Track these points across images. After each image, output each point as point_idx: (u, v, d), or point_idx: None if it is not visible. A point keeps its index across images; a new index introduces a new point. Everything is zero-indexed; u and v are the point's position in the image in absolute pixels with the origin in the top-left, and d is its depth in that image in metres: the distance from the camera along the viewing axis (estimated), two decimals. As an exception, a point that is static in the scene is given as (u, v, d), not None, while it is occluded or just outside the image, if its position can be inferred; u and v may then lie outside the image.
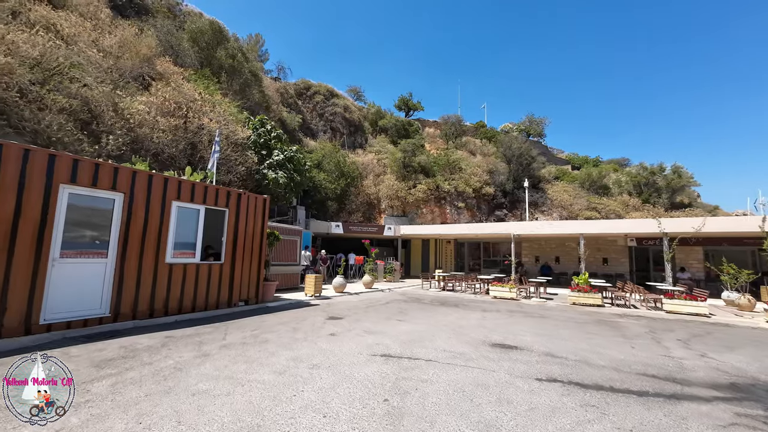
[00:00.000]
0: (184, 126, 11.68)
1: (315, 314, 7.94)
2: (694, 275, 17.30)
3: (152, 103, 10.71)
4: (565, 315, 9.31)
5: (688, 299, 10.49)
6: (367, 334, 6.11)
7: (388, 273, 18.82)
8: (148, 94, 11.01)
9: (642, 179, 29.96)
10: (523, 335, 6.47)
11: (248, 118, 16.09)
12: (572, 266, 20.39)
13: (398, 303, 10.45)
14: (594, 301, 11.54)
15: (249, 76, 19.02)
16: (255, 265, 8.62)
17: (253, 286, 8.57)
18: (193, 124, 11.60)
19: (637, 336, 6.88)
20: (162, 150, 10.93)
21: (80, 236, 5.82)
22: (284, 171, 15.40)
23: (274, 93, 28.00)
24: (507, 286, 12.88)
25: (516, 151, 31.68)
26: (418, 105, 44.89)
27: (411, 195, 27.26)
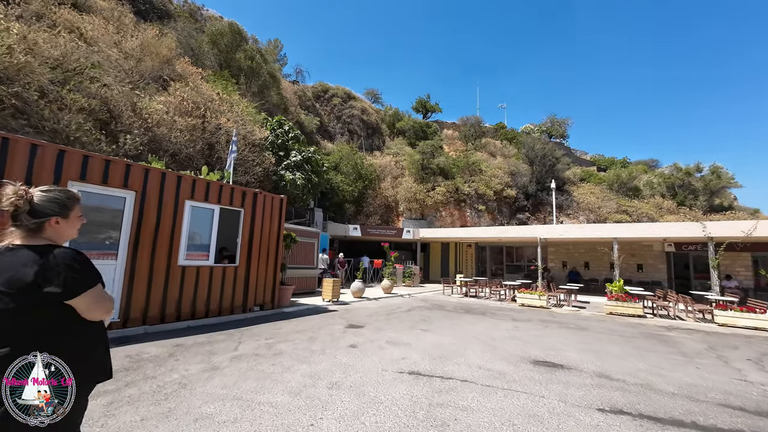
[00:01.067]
0: (202, 126, 11.52)
1: (333, 322, 7.44)
2: (741, 283, 15.87)
3: (170, 103, 10.58)
4: (606, 326, 8.46)
5: (745, 311, 9.42)
6: (390, 345, 5.55)
7: (407, 277, 18.20)
8: (166, 94, 10.90)
9: (676, 180, 28.20)
10: (565, 351, 5.75)
11: (266, 119, 15.92)
12: (603, 272, 19.20)
13: (420, 310, 9.84)
14: (634, 311, 10.57)
15: (267, 78, 18.94)
16: (271, 268, 8.22)
17: (269, 291, 8.16)
18: (210, 124, 11.42)
19: (697, 354, 6.03)
20: (179, 150, 10.77)
21: (89, 236, 5.54)
22: (302, 172, 15.10)
23: (292, 96, 28.01)
24: (536, 294, 12.05)
25: (539, 151, 30.52)
26: (435, 107, 44.24)
27: (429, 197, 26.58)
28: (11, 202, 1.30)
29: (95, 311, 1.35)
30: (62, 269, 1.27)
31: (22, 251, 1.29)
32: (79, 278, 1.31)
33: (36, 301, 1.24)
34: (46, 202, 1.37)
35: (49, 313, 1.27)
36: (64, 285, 1.26)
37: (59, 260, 1.29)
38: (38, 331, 1.26)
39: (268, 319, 7.33)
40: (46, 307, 1.26)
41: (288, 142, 15.64)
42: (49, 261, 1.27)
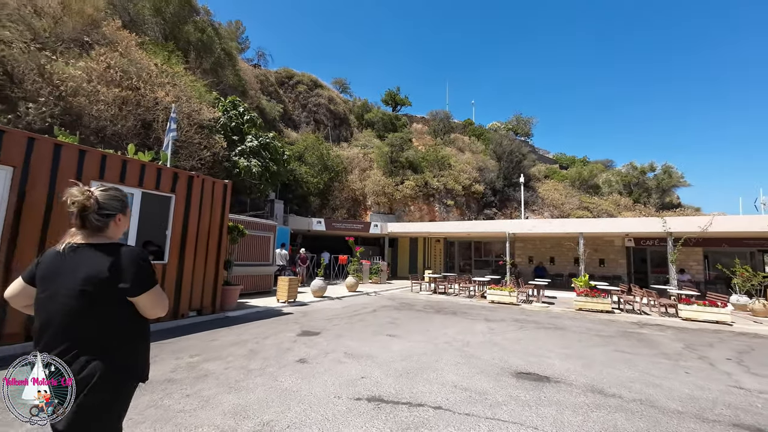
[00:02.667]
0: (136, 100, 9.83)
1: (285, 328, 6.37)
2: (693, 277, 16.56)
3: (92, 70, 8.83)
4: (580, 325, 8.05)
5: (708, 305, 9.46)
6: (349, 359, 4.60)
7: (374, 274, 17.33)
8: (88, 59, 9.11)
9: (632, 179, 29.53)
10: (548, 357, 5.10)
11: (218, 98, 14.26)
12: (568, 267, 19.44)
13: (387, 310, 8.98)
14: (603, 307, 10.39)
15: (221, 55, 17.11)
16: (212, 265, 6.96)
17: (209, 292, 6.91)
18: (146, 98, 9.75)
19: (678, 355, 5.64)
20: (105, 126, 9.07)
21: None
22: (258, 159, 13.67)
23: (252, 79, 26.04)
24: (506, 290, 11.62)
25: (506, 148, 30.78)
26: (405, 100, 43.56)
27: (398, 191, 25.83)
28: (80, 201, 1.33)
29: (156, 308, 1.40)
30: (133, 266, 1.33)
31: (91, 250, 1.33)
32: (147, 275, 1.36)
33: (109, 297, 1.29)
34: (111, 200, 1.42)
35: (115, 310, 1.32)
36: (134, 281, 1.32)
37: (130, 258, 1.34)
38: (107, 328, 1.30)
39: (203, 327, 6.11)
40: (115, 303, 1.31)
41: (243, 126, 14.12)
42: (121, 258, 1.32)
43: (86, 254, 1.30)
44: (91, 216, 1.34)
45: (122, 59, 9.56)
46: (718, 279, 16.87)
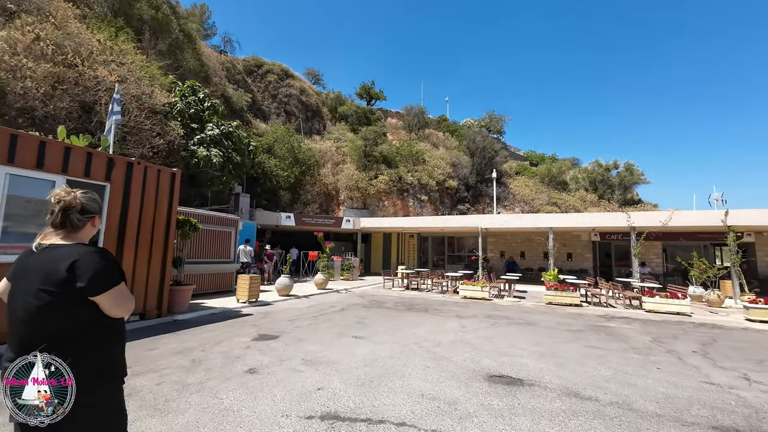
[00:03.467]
0: (73, 79, 8.72)
1: (240, 332, 5.77)
2: (653, 270, 17.30)
3: (16, 41, 7.67)
4: (551, 319, 7.98)
5: (669, 297, 9.73)
6: (307, 367, 4.12)
7: (346, 270, 16.82)
8: (12, 29, 7.91)
9: (597, 176, 30.65)
10: (520, 356, 4.86)
11: (175, 83, 13.14)
12: (537, 261, 19.81)
13: (356, 309, 8.53)
14: (572, 300, 10.48)
15: (180, 36, 15.83)
16: (157, 264, 6.21)
17: (153, 294, 6.17)
18: (84, 77, 8.66)
19: (648, 349, 5.59)
20: (35, 107, 7.96)
21: None
22: (220, 149, 12.74)
23: (217, 65, 24.58)
24: (478, 285, 11.49)
25: (480, 144, 31.04)
26: (380, 94, 42.99)
27: (372, 186, 25.37)
28: (67, 201, 1.37)
29: (119, 308, 1.38)
30: (92, 265, 1.30)
31: (59, 249, 1.34)
32: (106, 275, 1.33)
33: (69, 297, 1.27)
34: (91, 202, 1.45)
35: (77, 311, 1.30)
36: (91, 280, 1.29)
37: (89, 257, 1.32)
38: (67, 328, 1.28)
39: (144, 333, 5.40)
40: (75, 304, 1.29)
41: (203, 113, 13.10)
42: (80, 258, 1.30)
43: (51, 254, 1.32)
44: (74, 216, 1.37)
45: (56, 32, 8.42)
46: (675, 271, 17.74)
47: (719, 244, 17.15)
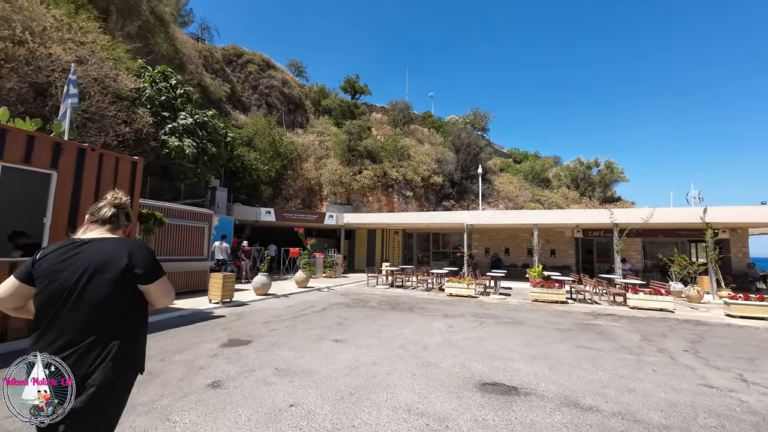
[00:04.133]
0: (23, 58, 7.85)
1: (209, 336, 5.25)
2: (633, 266, 17.57)
3: (-47, 11, 6.79)
4: (538, 317, 7.78)
5: (653, 293, 9.74)
6: (280, 378, 3.67)
7: (329, 268, 16.34)
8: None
9: (579, 173, 31.12)
10: (512, 360, 4.56)
11: (144, 67, 12.24)
12: (522, 258, 19.83)
13: (338, 308, 8.10)
14: (558, 297, 10.37)
15: (150, 19, 14.83)
16: (115, 262, 5.59)
17: (112, 295, 5.56)
18: (36, 55, 7.80)
19: (639, 348, 5.42)
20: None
21: None
22: (193, 139, 11.97)
23: (194, 53, 23.44)
24: (464, 282, 11.25)
25: (465, 140, 30.93)
26: (365, 88, 42.27)
27: (356, 181, 24.85)
28: (125, 201, 1.54)
29: (167, 296, 1.48)
30: (147, 255, 1.42)
31: (112, 241, 1.42)
32: (157, 265, 1.45)
33: (128, 285, 1.35)
34: (130, 210, 1.59)
35: (130, 299, 1.38)
36: (147, 269, 1.38)
37: (142, 247, 1.45)
38: (119, 316, 1.35)
39: (98, 340, 4.83)
40: (131, 292, 1.37)
41: (175, 101, 12.28)
42: (136, 248, 1.41)
43: (107, 244, 1.37)
44: (122, 216, 1.51)
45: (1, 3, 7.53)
46: (654, 267, 18.09)
47: (696, 240, 17.58)
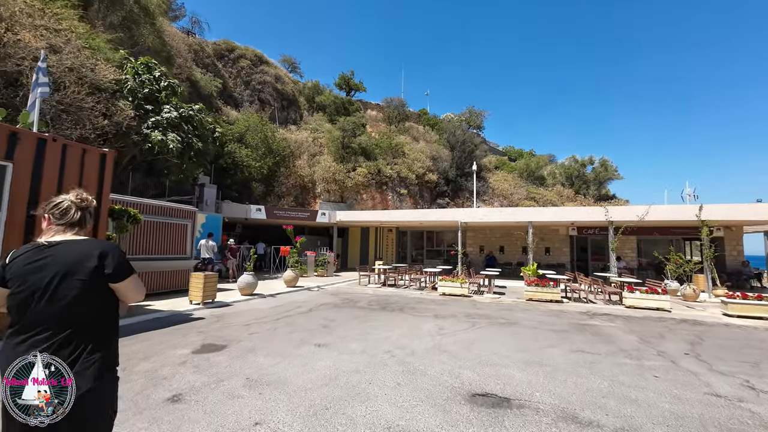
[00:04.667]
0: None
1: (181, 341, 4.90)
2: (628, 264, 17.44)
3: None
4: (533, 318, 7.51)
5: (649, 292, 9.53)
6: (250, 389, 3.34)
7: (320, 266, 15.99)
8: None
9: (574, 171, 31.01)
10: (505, 366, 4.27)
11: (127, 58, 11.76)
12: (516, 256, 19.64)
13: (325, 309, 7.77)
14: (553, 297, 10.12)
15: (134, 9, 14.30)
16: (82, 261, 5.21)
17: (78, 297, 5.17)
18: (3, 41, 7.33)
19: (638, 352, 5.16)
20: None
21: None
22: (178, 133, 11.53)
23: (183, 47, 22.87)
24: (458, 281, 10.97)
25: (459, 137, 30.67)
26: (360, 85, 41.68)
27: (350, 179, 24.48)
28: (89, 202, 1.52)
29: (138, 293, 1.51)
30: (115, 254, 1.42)
31: (84, 242, 1.42)
32: (127, 264, 1.45)
33: (99, 285, 1.37)
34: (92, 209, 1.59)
35: (101, 299, 1.39)
36: (117, 267, 1.40)
37: (110, 247, 1.44)
38: (91, 316, 1.36)
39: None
40: (101, 292, 1.39)
41: (159, 94, 11.82)
42: (106, 248, 1.42)
43: (77, 246, 1.39)
44: (87, 216, 1.50)
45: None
46: (648, 265, 17.96)
47: (690, 238, 17.47)
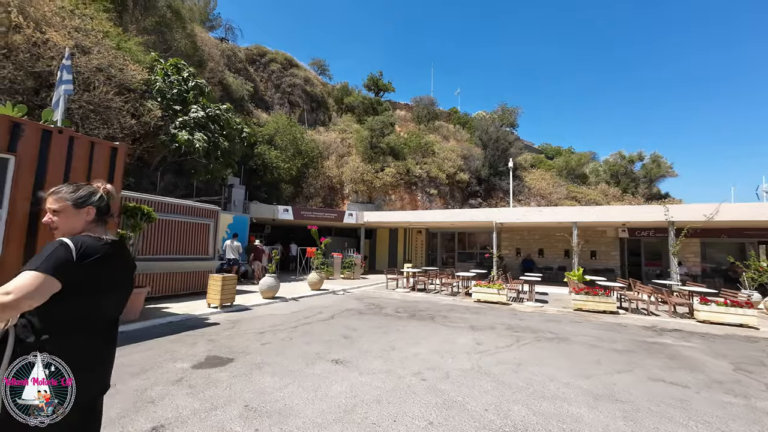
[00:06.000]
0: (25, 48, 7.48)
1: (185, 351, 4.42)
2: (690, 270, 15.46)
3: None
4: (587, 332, 6.43)
5: (729, 305, 8.04)
6: (246, 421, 2.72)
7: (347, 268, 15.48)
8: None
9: (620, 168, 28.54)
10: (567, 400, 3.37)
11: (157, 60, 11.89)
12: (557, 260, 18.09)
13: (348, 316, 7.13)
14: (607, 307, 8.86)
15: (167, 13, 14.59)
16: (90, 261, 4.90)
17: (85, 299, 4.87)
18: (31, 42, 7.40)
19: (738, 384, 4.03)
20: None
21: None
22: (205, 133, 11.45)
23: (216, 52, 23.40)
24: (494, 287, 9.96)
25: (492, 134, 29.20)
26: (388, 85, 41.21)
27: (378, 179, 23.89)
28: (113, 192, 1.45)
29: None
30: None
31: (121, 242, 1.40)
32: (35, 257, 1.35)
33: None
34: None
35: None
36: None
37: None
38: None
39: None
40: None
41: (187, 94, 11.83)
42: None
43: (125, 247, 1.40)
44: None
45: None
46: (714, 272, 15.85)
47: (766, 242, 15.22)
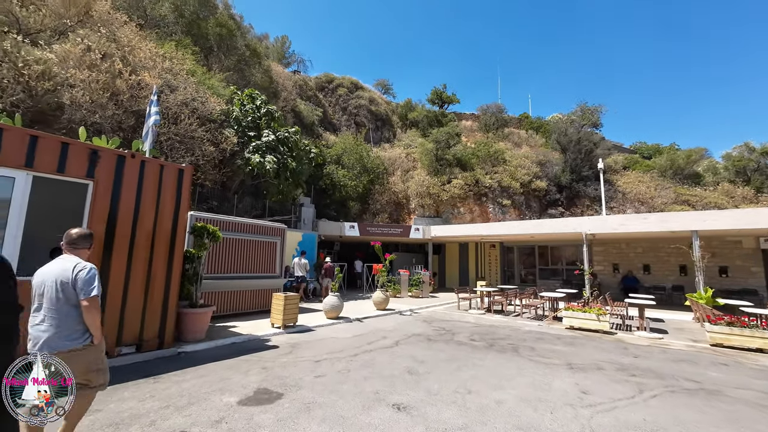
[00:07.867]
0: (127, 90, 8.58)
1: (237, 380, 4.09)
2: None
3: (68, 53, 7.68)
4: (743, 382, 4.63)
5: None
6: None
7: (415, 286, 14.67)
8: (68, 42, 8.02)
9: (749, 163, 23.08)
10: None
11: (235, 93, 12.96)
12: (670, 278, 14.86)
13: (414, 344, 6.32)
14: (763, 343, 6.58)
15: (245, 52, 16.06)
16: (159, 281, 4.99)
17: (154, 319, 4.92)
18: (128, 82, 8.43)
19: None
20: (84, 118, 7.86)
21: None
22: (275, 155, 11.97)
23: (288, 83, 25.28)
24: (592, 311, 8.21)
25: (572, 136, 26.17)
26: (453, 97, 40.28)
27: (445, 192, 22.87)
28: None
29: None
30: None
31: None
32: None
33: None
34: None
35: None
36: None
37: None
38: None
39: (120, 375, 4.07)
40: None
41: (260, 120, 12.60)
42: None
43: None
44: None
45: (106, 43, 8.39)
46: None
47: None
